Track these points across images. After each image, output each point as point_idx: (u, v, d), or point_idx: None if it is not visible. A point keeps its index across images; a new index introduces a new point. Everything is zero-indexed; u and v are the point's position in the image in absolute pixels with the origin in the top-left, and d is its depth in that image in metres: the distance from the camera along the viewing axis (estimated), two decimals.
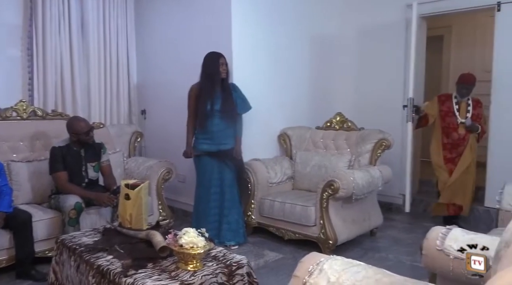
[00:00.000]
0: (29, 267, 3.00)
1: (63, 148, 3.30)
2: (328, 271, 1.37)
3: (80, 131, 3.28)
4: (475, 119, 3.99)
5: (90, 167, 3.41)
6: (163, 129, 4.67)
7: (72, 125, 3.31)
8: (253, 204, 3.87)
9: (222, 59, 3.53)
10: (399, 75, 4.63)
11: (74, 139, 3.31)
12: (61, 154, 3.27)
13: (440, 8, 4.30)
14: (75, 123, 3.31)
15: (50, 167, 3.30)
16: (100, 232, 2.67)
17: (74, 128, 3.29)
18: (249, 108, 3.72)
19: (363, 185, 3.40)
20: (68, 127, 3.32)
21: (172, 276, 2.02)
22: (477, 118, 4.01)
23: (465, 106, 4.03)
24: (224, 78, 3.56)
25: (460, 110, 4.03)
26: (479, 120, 4.02)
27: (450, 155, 4.06)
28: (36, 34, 4.03)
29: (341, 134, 4.10)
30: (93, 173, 3.44)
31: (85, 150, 3.39)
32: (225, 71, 3.54)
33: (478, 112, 4.02)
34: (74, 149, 3.34)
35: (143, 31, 4.86)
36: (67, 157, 3.29)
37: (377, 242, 3.79)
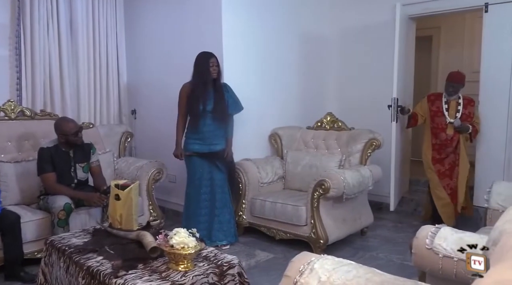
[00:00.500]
0: (18, 268, 2.97)
1: (51, 149, 3.26)
2: (319, 270, 1.38)
3: (68, 132, 3.24)
4: (465, 118, 3.88)
5: (79, 168, 3.38)
6: (153, 129, 4.65)
7: (60, 126, 3.27)
8: (244, 204, 3.87)
9: (212, 59, 3.52)
10: (389, 75, 4.65)
11: (63, 140, 3.28)
12: (49, 155, 3.23)
13: (429, 9, 4.34)
14: (63, 124, 3.28)
15: (38, 168, 3.26)
16: (90, 233, 2.65)
17: (62, 129, 3.25)
18: (240, 108, 3.71)
19: (354, 185, 3.42)
20: (56, 128, 3.28)
21: (163, 276, 2.01)
22: (468, 117, 3.89)
23: (455, 106, 3.92)
24: (216, 78, 3.55)
25: (450, 109, 3.93)
26: (470, 119, 3.89)
27: (439, 156, 3.98)
28: (24, 34, 3.98)
29: (332, 134, 4.12)
30: (82, 174, 3.41)
31: (74, 151, 3.35)
32: (216, 71, 3.53)
33: (469, 111, 3.90)
34: (63, 150, 3.31)
35: (133, 31, 4.83)
36: (55, 158, 3.25)
37: (367, 241, 3.82)
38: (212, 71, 3.50)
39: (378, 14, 4.66)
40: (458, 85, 3.89)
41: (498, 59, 3.97)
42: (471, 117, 3.90)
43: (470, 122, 3.88)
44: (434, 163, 4.00)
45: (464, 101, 3.92)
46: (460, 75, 3.93)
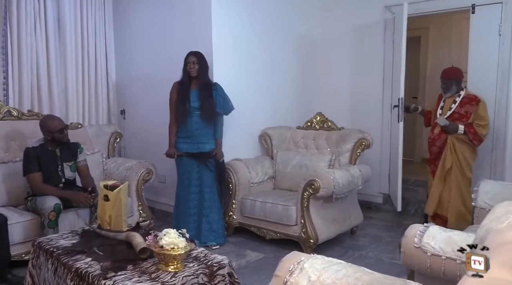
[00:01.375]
0: (5, 271, 2.93)
1: (37, 148, 3.21)
2: (309, 270, 1.38)
3: (53, 129, 3.20)
4: (458, 118, 3.61)
5: (66, 166, 3.34)
6: (142, 129, 4.62)
7: (45, 123, 3.23)
8: (234, 204, 3.87)
9: (190, 57, 3.53)
10: (379, 75, 4.70)
11: (48, 138, 3.23)
12: (35, 155, 3.18)
13: (418, 9, 4.38)
14: (48, 121, 3.23)
15: (24, 168, 3.22)
16: (79, 234, 2.63)
17: (47, 126, 3.21)
18: (231, 109, 3.70)
19: (343, 184, 3.43)
20: (42, 125, 3.24)
21: (152, 277, 2.00)
22: (463, 117, 3.60)
23: (450, 104, 3.70)
24: (195, 76, 3.54)
25: (444, 107, 3.75)
26: (465, 119, 3.58)
27: (430, 156, 3.85)
28: (11, 33, 3.93)
29: (322, 133, 4.14)
30: (70, 173, 3.37)
31: (60, 150, 3.31)
32: (195, 69, 3.53)
33: (466, 111, 3.60)
34: (49, 149, 3.26)
35: (122, 30, 4.79)
36: (42, 158, 3.20)
37: (357, 240, 3.84)
38: (189, 69, 3.52)
39: (367, 15, 4.70)
40: (450, 81, 3.68)
41: (485, 60, 4.02)
42: (467, 117, 3.60)
43: (466, 122, 3.58)
44: (429, 163, 3.89)
45: (463, 99, 3.65)
46: (452, 71, 3.74)
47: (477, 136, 3.57)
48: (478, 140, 3.59)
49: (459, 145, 3.62)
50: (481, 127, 3.58)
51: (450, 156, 3.63)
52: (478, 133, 3.57)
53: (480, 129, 3.57)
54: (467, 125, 3.58)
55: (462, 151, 3.62)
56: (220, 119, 3.69)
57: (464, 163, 3.64)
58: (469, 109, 3.59)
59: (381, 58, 4.66)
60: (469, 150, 3.65)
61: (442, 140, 3.68)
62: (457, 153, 3.62)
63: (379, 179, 4.63)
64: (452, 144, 3.63)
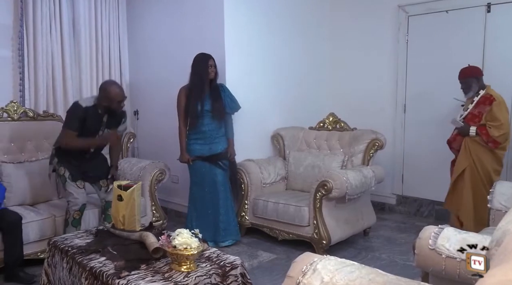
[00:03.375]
0: (18, 269, 2.98)
1: (88, 109, 3.09)
2: (322, 271, 1.38)
3: (114, 98, 3.09)
4: (470, 119, 3.43)
5: (106, 132, 3.25)
6: (155, 130, 4.65)
7: (108, 89, 3.11)
8: (246, 205, 3.87)
9: (211, 60, 3.57)
10: (392, 75, 4.66)
11: (104, 104, 3.12)
12: (82, 116, 3.06)
13: (431, 9, 4.33)
14: (112, 89, 3.11)
15: (66, 120, 3.13)
16: (93, 234, 2.66)
17: (109, 93, 3.09)
18: (238, 107, 3.75)
19: (356, 185, 3.41)
20: (102, 90, 3.12)
21: (165, 277, 2.01)
22: (476, 117, 3.41)
23: (468, 104, 3.52)
24: (212, 79, 3.59)
25: (464, 108, 3.57)
26: (478, 120, 3.38)
27: (454, 158, 3.63)
28: (27, 34, 3.99)
29: (334, 134, 4.12)
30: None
31: (108, 116, 3.21)
32: (214, 72, 3.57)
33: (479, 111, 3.39)
34: (99, 112, 3.15)
35: (135, 31, 4.84)
36: (88, 118, 3.09)
37: (370, 241, 3.81)
38: (210, 72, 3.55)
39: (381, 15, 4.67)
40: (468, 79, 3.45)
41: (501, 57, 3.96)
42: (479, 117, 3.38)
43: (479, 123, 3.37)
44: (452, 165, 3.65)
45: (480, 99, 3.43)
46: (466, 69, 3.52)
47: (490, 137, 3.31)
48: (492, 142, 3.32)
49: (474, 147, 3.40)
50: (493, 128, 3.30)
51: (464, 159, 3.43)
52: (490, 134, 3.30)
53: (492, 130, 3.30)
54: (479, 126, 3.36)
55: (477, 154, 3.39)
56: (229, 119, 3.72)
57: (480, 166, 3.39)
58: (482, 110, 3.38)
59: (394, 58, 4.62)
60: (485, 153, 3.39)
61: (458, 142, 3.50)
62: (472, 156, 3.40)
63: (392, 180, 4.59)
64: (468, 147, 3.42)
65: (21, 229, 2.99)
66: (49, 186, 3.65)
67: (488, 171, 3.40)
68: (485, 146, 3.38)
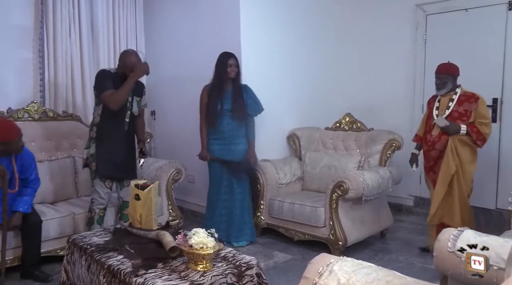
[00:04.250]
0: (34, 268, 3.04)
1: (112, 73, 3.15)
2: (338, 272, 1.37)
3: (128, 65, 3.11)
4: (458, 117, 3.25)
5: (135, 100, 3.24)
6: (172, 130, 4.69)
7: (123, 56, 3.17)
8: (262, 205, 3.87)
9: (231, 59, 3.54)
10: (409, 75, 4.60)
11: (120, 71, 3.15)
12: (110, 76, 3.11)
13: (448, 7, 4.27)
14: (126, 56, 3.16)
15: (99, 87, 3.12)
16: (111, 232, 2.69)
17: (124, 60, 3.13)
18: (261, 110, 3.73)
19: (373, 186, 3.38)
20: (121, 57, 3.19)
21: (182, 276, 2.03)
22: (463, 116, 3.24)
23: (447, 102, 3.33)
24: (234, 78, 3.57)
25: (440, 107, 3.37)
26: (466, 118, 3.23)
27: (428, 163, 3.42)
28: (47, 36, 4.07)
29: (351, 134, 4.09)
30: (136, 108, 3.27)
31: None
32: (234, 72, 3.55)
33: (466, 109, 3.24)
34: (121, 79, 3.15)
35: (152, 33, 4.88)
36: (115, 83, 3.10)
37: (387, 243, 3.77)
38: (230, 72, 3.53)
39: (398, 14, 4.62)
40: (445, 76, 3.30)
41: None
42: (467, 116, 3.24)
43: (467, 122, 3.24)
44: (427, 172, 3.46)
45: (460, 97, 3.29)
46: (447, 65, 3.36)
47: (481, 135, 3.21)
48: (482, 140, 3.23)
49: (461, 147, 3.23)
50: (484, 126, 3.22)
51: (453, 160, 3.23)
52: (482, 132, 3.21)
53: (483, 127, 3.21)
54: (469, 125, 3.22)
55: (464, 154, 3.24)
56: (251, 121, 3.71)
57: (467, 167, 3.25)
58: (469, 107, 3.25)
59: (412, 57, 4.57)
60: (470, 153, 3.28)
61: (443, 142, 3.27)
62: (459, 156, 3.23)
63: (410, 181, 4.53)
64: (454, 147, 3.23)
65: (40, 231, 3.06)
66: (68, 185, 3.73)
67: (470, 171, 3.30)
68: (470, 146, 3.26)
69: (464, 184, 3.24)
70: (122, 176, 3.28)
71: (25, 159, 3.00)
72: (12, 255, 3.02)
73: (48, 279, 3.01)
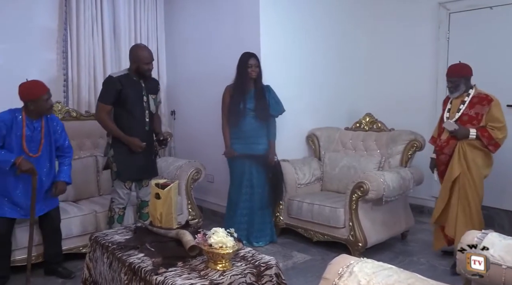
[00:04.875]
0: (56, 265, 3.11)
1: (121, 78, 3.11)
2: (359, 274, 1.35)
3: (142, 59, 3.12)
4: (468, 121, 3.08)
5: (151, 99, 3.24)
6: (192, 130, 4.72)
7: (135, 51, 3.18)
8: (281, 205, 3.87)
9: (252, 60, 3.55)
10: (432, 74, 4.52)
11: (134, 67, 3.16)
12: (115, 87, 3.08)
13: (474, 5, 4.17)
14: (139, 50, 3.17)
15: (100, 95, 3.17)
16: (132, 230, 2.73)
17: (136, 55, 3.14)
18: (282, 110, 3.72)
19: (394, 187, 3.34)
20: (131, 52, 3.21)
21: (201, 275, 2.04)
22: (474, 119, 3.07)
23: (458, 105, 3.17)
24: (255, 78, 3.57)
25: (451, 110, 3.22)
26: (477, 122, 3.06)
27: (440, 167, 3.27)
28: (71, 38, 4.15)
29: (371, 135, 4.04)
30: (153, 106, 3.28)
31: (144, 82, 3.23)
32: (255, 72, 3.55)
33: (477, 112, 3.07)
34: (134, 79, 3.17)
35: (173, 34, 4.93)
36: (126, 86, 3.11)
37: (408, 245, 3.71)
38: (251, 72, 3.54)
39: (420, 12, 4.54)
40: (457, 79, 3.14)
41: None
42: (478, 119, 3.06)
43: (478, 126, 3.06)
44: (440, 176, 3.31)
45: (473, 99, 3.11)
46: (458, 67, 3.19)
47: (492, 140, 3.02)
48: (494, 145, 3.03)
49: (470, 152, 3.07)
50: (497, 130, 3.02)
51: (458, 164, 3.08)
52: (494, 136, 3.02)
53: (495, 132, 3.02)
54: (479, 129, 3.05)
55: (474, 159, 3.07)
56: (273, 121, 3.70)
57: (475, 173, 3.07)
58: (480, 110, 3.06)
59: (434, 56, 4.49)
60: (482, 158, 3.10)
61: (451, 146, 3.13)
62: (467, 161, 3.07)
63: (432, 182, 4.44)
64: (463, 151, 3.08)
65: (61, 232, 3.13)
66: (90, 184, 3.80)
67: (481, 177, 3.12)
68: (483, 150, 3.09)
69: (471, 190, 3.07)
70: (144, 176, 3.32)
71: (55, 125, 3.05)
72: (36, 252, 3.08)
73: (71, 276, 3.08)
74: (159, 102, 3.40)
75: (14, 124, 2.83)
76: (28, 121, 2.87)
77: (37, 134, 2.91)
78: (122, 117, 3.16)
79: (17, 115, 2.86)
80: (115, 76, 3.15)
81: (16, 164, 2.76)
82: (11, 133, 2.82)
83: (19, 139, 2.84)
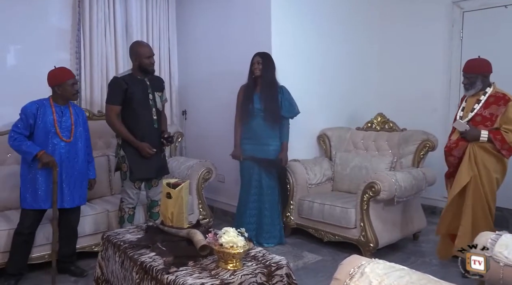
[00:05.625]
0: (69, 263, 3.15)
1: (125, 78, 3.13)
2: (370, 274, 1.35)
3: (143, 54, 3.13)
4: (481, 122, 2.89)
5: (157, 96, 3.25)
6: (203, 130, 4.74)
7: (135, 48, 3.20)
8: (292, 205, 3.86)
9: (255, 58, 3.56)
10: (445, 74, 4.47)
11: (136, 64, 3.16)
12: (121, 87, 3.09)
13: (489, 4, 4.12)
14: (138, 47, 3.20)
15: (107, 96, 3.21)
16: (143, 229, 2.75)
17: (137, 51, 3.15)
18: (296, 113, 3.69)
19: (406, 188, 3.31)
20: (131, 50, 3.22)
21: (212, 274, 2.05)
22: (488, 120, 2.87)
23: (473, 104, 2.97)
24: (258, 76, 3.55)
25: (466, 109, 3.02)
26: (490, 123, 2.86)
27: (449, 169, 3.13)
28: (84, 38, 4.20)
29: (383, 135, 4.01)
30: (159, 103, 3.28)
31: (149, 79, 3.23)
32: (258, 69, 3.53)
33: (492, 113, 2.86)
34: (138, 78, 3.17)
35: (185, 34, 4.95)
36: (131, 85, 3.11)
37: (420, 246, 3.68)
38: (254, 70, 3.54)
39: (433, 11, 4.50)
40: (474, 75, 2.92)
41: None
42: (492, 120, 2.86)
43: (491, 127, 2.87)
44: (447, 177, 3.18)
45: (489, 98, 2.90)
46: (476, 62, 2.97)
47: (506, 144, 2.80)
48: (507, 149, 2.82)
49: (481, 155, 2.88)
50: (511, 133, 2.81)
51: (468, 169, 2.89)
52: (508, 140, 2.80)
53: (509, 135, 2.80)
54: (492, 131, 2.84)
55: (484, 163, 2.87)
56: (286, 123, 3.68)
57: (486, 178, 2.89)
58: (496, 111, 2.84)
59: (447, 56, 4.44)
60: (494, 162, 2.90)
61: (461, 148, 2.95)
62: (478, 165, 2.88)
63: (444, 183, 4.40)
64: (473, 154, 2.89)
65: (77, 233, 3.17)
66: (103, 183, 3.83)
67: (494, 183, 2.92)
68: (495, 154, 2.88)
69: (482, 196, 2.89)
70: (156, 176, 3.33)
71: (82, 113, 3.17)
72: (50, 250, 3.11)
73: (84, 274, 3.11)
74: (165, 100, 3.41)
75: (42, 111, 2.91)
76: (56, 107, 2.97)
77: (66, 120, 2.99)
78: (130, 117, 3.17)
79: (45, 103, 2.96)
80: (119, 76, 3.19)
81: (38, 156, 2.81)
82: (40, 121, 2.90)
83: (51, 124, 2.92)
